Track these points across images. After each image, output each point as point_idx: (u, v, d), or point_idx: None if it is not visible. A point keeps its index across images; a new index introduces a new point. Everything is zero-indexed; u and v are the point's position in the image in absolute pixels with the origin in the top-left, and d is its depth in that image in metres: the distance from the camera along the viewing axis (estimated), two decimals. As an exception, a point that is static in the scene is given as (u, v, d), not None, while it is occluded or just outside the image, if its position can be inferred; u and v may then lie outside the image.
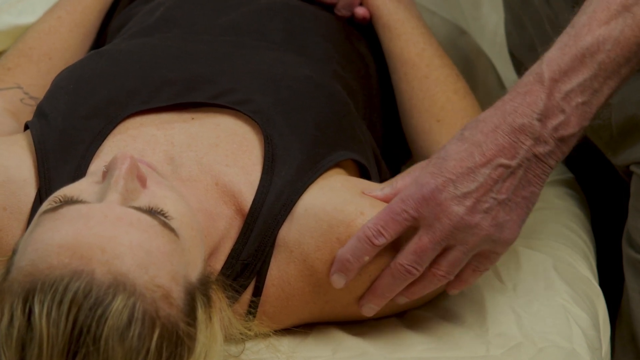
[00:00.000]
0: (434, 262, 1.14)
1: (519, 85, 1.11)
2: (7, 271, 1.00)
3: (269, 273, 1.17)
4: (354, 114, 1.32)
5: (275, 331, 1.15)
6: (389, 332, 1.21)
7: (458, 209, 1.10)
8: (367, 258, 1.13)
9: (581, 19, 1.10)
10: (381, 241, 1.12)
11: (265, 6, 1.47)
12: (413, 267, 1.13)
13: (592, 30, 1.09)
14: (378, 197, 1.18)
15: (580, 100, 1.10)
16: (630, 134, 1.38)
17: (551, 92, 1.09)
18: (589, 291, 1.31)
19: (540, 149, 1.10)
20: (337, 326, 1.22)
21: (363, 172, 1.28)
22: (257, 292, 1.17)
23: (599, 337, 1.25)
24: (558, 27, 1.15)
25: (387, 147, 1.52)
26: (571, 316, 1.23)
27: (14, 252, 1.03)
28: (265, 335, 1.14)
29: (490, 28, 1.85)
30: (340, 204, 1.16)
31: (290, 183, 1.17)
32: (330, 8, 1.53)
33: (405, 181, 1.18)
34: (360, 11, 1.53)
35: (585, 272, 1.35)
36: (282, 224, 1.16)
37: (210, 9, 1.45)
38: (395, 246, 1.15)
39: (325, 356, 1.17)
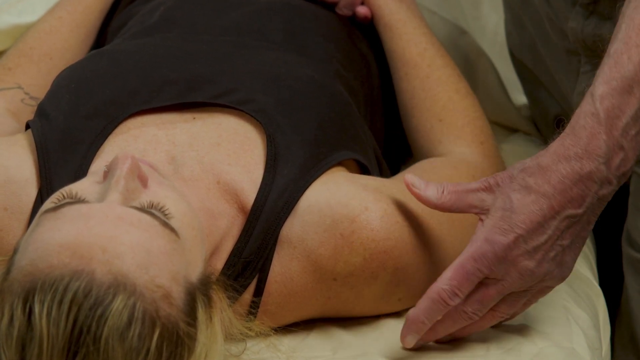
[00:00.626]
0: (495, 306, 1.14)
1: (577, 129, 1.08)
2: (8, 271, 1.00)
3: (271, 270, 1.17)
4: (355, 114, 1.32)
5: (276, 331, 1.15)
6: (389, 332, 1.21)
7: (529, 264, 1.10)
8: (439, 318, 1.13)
9: (617, 46, 1.08)
10: (456, 301, 1.12)
11: (265, 6, 1.47)
12: (476, 314, 1.14)
13: (631, 57, 1.07)
14: (420, 195, 1.15)
15: (634, 132, 1.08)
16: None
17: (610, 132, 1.07)
18: (589, 291, 1.31)
19: (605, 191, 1.09)
20: (338, 326, 1.23)
21: (364, 172, 1.28)
22: (259, 291, 1.17)
23: (599, 337, 1.25)
24: (558, 27, 1.15)
25: (388, 146, 1.53)
26: (571, 316, 1.23)
27: (15, 251, 1.03)
28: (266, 335, 1.14)
29: (490, 28, 1.85)
30: (344, 199, 1.16)
31: (293, 181, 1.17)
32: (332, 7, 1.53)
33: (451, 196, 1.14)
34: (362, 10, 1.53)
35: (585, 272, 1.35)
36: (284, 221, 1.16)
37: (211, 9, 1.45)
38: None
39: (325, 356, 1.17)
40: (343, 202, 1.16)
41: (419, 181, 1.17)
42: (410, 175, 1.17)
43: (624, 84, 1.07)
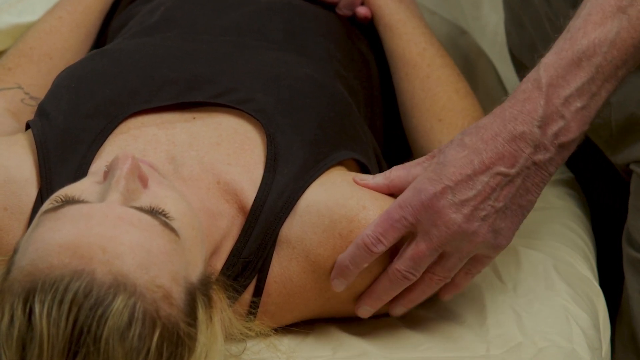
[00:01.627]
0: (430, 267, 1.15)
1: (518, 92, 1.11)
2: (8, 271, 1.00)
3: (270, 270, 1.17)
4: (355, 114, 1.32)
5: (276, 330, 1.15)
6: (389, 332, 1.21)
7: (456, 217, 1.10)
8: (365, 264, 1.14)
9: (576, 22, 1.10)
10: (380, 249, 1.13)
11: (265, 6, 1.47)
12: (410, 272, 1.14)
13: (587, 33, 1.09)
14: (369, 185, 1.18)
15: (579, 104, 1.09)
16: (630, 133, 1.38)
17: (550, 98, 1.09)
18: (589, 291, 1.31)
19: (540, 157, 1.10)
20: (338, 326, 1.23)
21: (364, 172, 1.28)
22: (258, 291, 1.17)
23: (599, 337, 1.25)
24: (558, 27, 1.15)
25: (388, 145, 1.52)
26: (571, 316, 1.23)
27: (15, 251, 1.03)
28: (266, 335, 1.14)
29: (490, 28, 1.85)
30: (341, 199, 1.16)
31: (293, 181, 1.17)
32: (332, 7, 1.53)
33: (399, 173, 1.18)
34: (362, 10, 1.53)
35: (585, 272, 1.35)
36: (284, 221, 1.16)
37: (211, 9, 1.45)
38: (396, 246, 1.15)
39: (325, 356, 1.17)
40: (341, 202, 1.16)
41: (367, 176, 1.20)
42: (357, 178, 1.19)
43: (574, 56, 1.09)
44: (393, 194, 1.18)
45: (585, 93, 1.09)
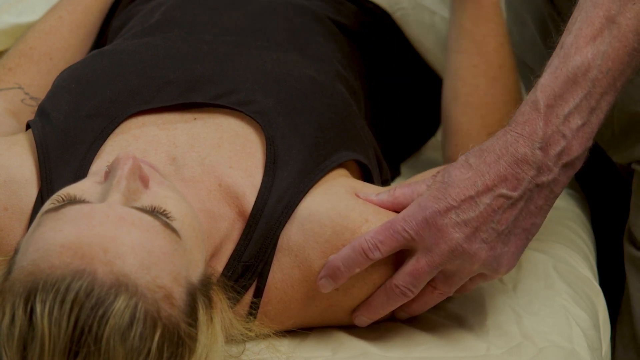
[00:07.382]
0: (431, 281, 1.15)
1: (518, 115, 1.11)
2: (9, 271, 1.00)
3: (271, 275, 1.17)
4: (355, 114, 1.32)
5: (276, 331, 1.15)
6: (389, 332, 1.21)
7: (457, 236, 1.10)
8: (357, 270, 1.13)
9: (568, 38, 1.10)
10: (376, 255, 1.12)
11: (266, 6, 1.47)
12: (408, 289, 1.14)
13: (580, 48, 1.09)
14: (372, 201, 1.18)
15: (579, 122, 1.09)
16: (633, 132, 1.38)
17: (548, 119, 1.09)
18: (589, 291, 1.31)
19: (544, 178, 1.10)
20: (337, 326, 1.22)
21: (365, 172, 1.28)
22: (258, 293, 1.17)
23: (599, 337, 1.25)
24: (560, 26, 1.15)
25: (388, 145, 1.52)
26: (571, 316, 1.23)
27: (16, 251, 1.03)
28: (266, 336, 1.14)
29: (490, 28, 1.84)
30: (344, 210, 1.16)
31: (292, 185, 1.17)
32: (332, 8, 1.53)
33: (403, 191, 1.17)
34: None
35: (585, 272, 1.35)
36: (284, 226, 1.16)
37: (211, 9, 1.45)
38: (398, 260, 1.15)
39: (325, 356, 1.17)
40: (343, 214, 1.16)
41: (370, 192, 1.19)
42: (361, 194, 1.19)
43: (569, 74, 1.09)
44: (396, 211, 1.18)
45: (584, 109, 1.09)
